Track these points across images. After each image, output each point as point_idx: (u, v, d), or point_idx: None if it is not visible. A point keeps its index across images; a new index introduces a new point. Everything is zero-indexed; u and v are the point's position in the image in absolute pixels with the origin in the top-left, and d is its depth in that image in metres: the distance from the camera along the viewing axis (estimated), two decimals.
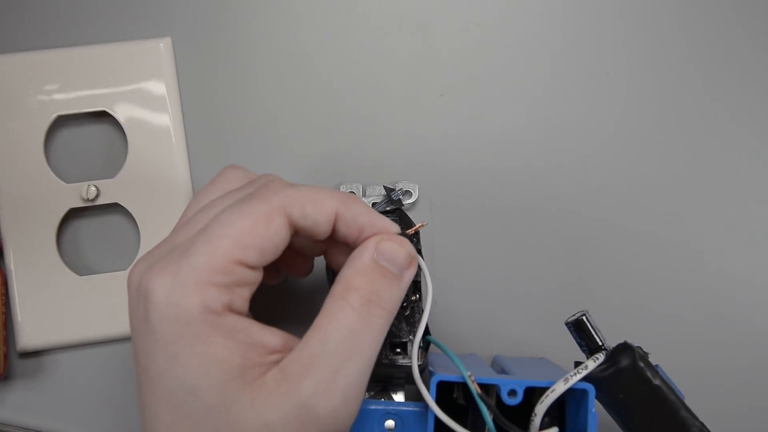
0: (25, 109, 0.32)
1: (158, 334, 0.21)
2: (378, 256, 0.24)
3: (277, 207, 0.23)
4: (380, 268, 0.24)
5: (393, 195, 0.32)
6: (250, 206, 0.22)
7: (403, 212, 0.31)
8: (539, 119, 0.35)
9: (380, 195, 0.33)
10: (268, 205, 0.22)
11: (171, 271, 0.21)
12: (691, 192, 0.35)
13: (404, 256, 0.25)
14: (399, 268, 0.25)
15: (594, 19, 0.35)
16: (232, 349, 0.21)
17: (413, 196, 0.33)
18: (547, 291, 0.34)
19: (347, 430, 0.23)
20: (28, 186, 0.32)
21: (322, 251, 0.27)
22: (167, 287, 0.21)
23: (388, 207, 0.32)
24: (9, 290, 0.32)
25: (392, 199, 0.32)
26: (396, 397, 0.29)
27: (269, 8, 0.34)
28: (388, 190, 0.32)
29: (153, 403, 0.22)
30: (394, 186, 0.33)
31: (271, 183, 0.24)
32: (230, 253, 0.21)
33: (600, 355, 0.27)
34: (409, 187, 0.33)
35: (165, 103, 0.33)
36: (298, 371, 0.21)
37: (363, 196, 0.33)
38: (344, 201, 0.24)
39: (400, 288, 0.25)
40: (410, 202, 0.33)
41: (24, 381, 0.33)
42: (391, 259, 0.24)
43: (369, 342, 0.23)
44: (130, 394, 0.33)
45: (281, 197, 0.23)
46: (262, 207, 0.22)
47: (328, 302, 0.23)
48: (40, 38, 0.33)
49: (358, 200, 0.25)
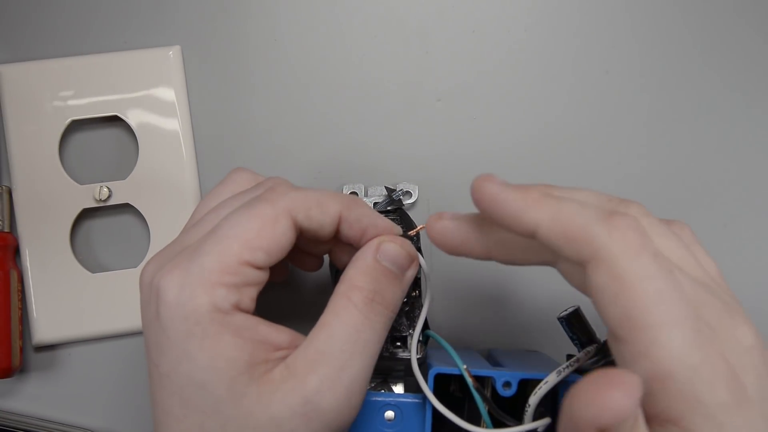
0: (41, 114, 0.33)
1: (169, 331, 0.22)
2: (380, 257, 0.25)
3: (284, 210, 0.23)
4: (382, 268, 0.24)
5: (394, 195, 0.32)
6: (257, 209, 0.23)
7: (404, 212, 0.32)
8: (539, 119, 0.34)
9: (381, 195, 0.33)
10: (275, 208, 0.23)
11: (181, 270, 0.22)
12: (691, 192, 0.34)
13: (405, 256, 0.25)
14: (400, 268, 0.25)
15: (593, 20, 0.35)
16: (240, 346, 0.22)
17: (413, 196, 0.33)
18: (541, 287, 0.34)
19: (348, 426, 0.23)
20: (44, 187, 0.33)
21: (326, 250, 0.27)
22: (178, 286, 0.22)
23: (389, 207, 0.32)
24: (25, 287, 0.33)
25: (393, 199, 0.32)
26: (396, 388, 0.29)
27: (273, 18, 0.34)
28: (389, 191, 0.33)
29: (164, 397, 0.22)
30: (395, 187, 0.33)
31: (278, 186, 0.24)
32: (239, 255, 0.22)
33: (591, 348, 0.27)
34: (409, 187, 0.33)
35: (174, 108, 0.33)
36: (304, 367, 0.22)
37: (365, 196, 0.33)
38: (348, 204, 0.24)
39: (401, 287, 0.25)
40: (410, 202, 0.33)
41: (39, 374, 0.33)
42: (393, 260, 0.25)
43: (372, 340, 0.23)
44: (141, 387, 0.33)
45: (288, 200, 0.23)
46: (269, 210, 0.23)
47: (332, 301, 0.24)
48: (56, 47, 0.34)
49: (362, 203, 0.25)
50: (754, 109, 0.35)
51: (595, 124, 0.35)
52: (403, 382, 0.30)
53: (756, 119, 0.35)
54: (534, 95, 0.35)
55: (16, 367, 0.32)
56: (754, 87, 0.35)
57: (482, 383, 0.27)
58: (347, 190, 0.33)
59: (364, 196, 0.33)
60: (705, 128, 0.35)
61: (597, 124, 0.35)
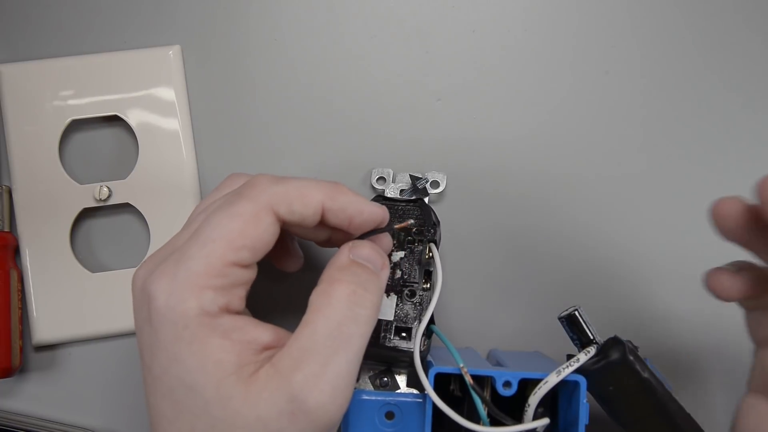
0: (41, 114, 0.33)
1: (160, 335, 0.22)
2: (354, 256, 0.25)
3: (265, 205, 0.23)
4: (358, 264, 0.25)
5: (418, 184, 0.32)
6: (238, 207, 0.23)
7: (424, 203, 0.31)
8: (539, 119, 0.34)
9: (407, 183, 0.32)
10: (256, 205, 0.23)
11: (169, 276, 0.22)
12: (691, 192, 0.34)
13: (377, 256, 0.25)
14: (375, 266, 0.25)
15: (593, 20, 0.35)
16: (228, 348, 0.22)
17: (440, 186, 0.33)
18: (541, 287, 0.34)
19: (336, 423, 0.23)
20: (44, 187, 0.33)
21: (326, 236, 0.27)
22: (167, 291, 0.22)
23: (413, 196, 0.32)
24: (25, 286, 0.33)
25: (417, 188, 0.32)
26: (399, 378, 0.30)
27: (273, 18, 0.34)
28: (414, 179, 0.32)
29: (156, 399, 0.22)
30: (422, 175, 0.33)
31: (258, 182, 0.24)
32: (224, 257, 0.22)
33: (591, 348, 0.27)
34: (437, 177, 0.33)
35: (174, 108, 0.34)
36: (289, 366, 0.22)
37: (392, 181, 0.33)
38: (330, 194, 0.24)
39: (379, 284, 0.25)
40: (437, 192, 0.33)
41: (39, 373, 0.33)
42: (367, 258, 0.25)
43: (356, 334, 0.23)
44: (140, 386, 0.32)
45: (268, 195, 0.23)
46: (249, 207, 0.23)
47: (313, 298, 0.24)
48: (56, 47, 0.34)
49: (344, 190, 0.25)
50: (754, 109, 0.35)
51: (595, 124, 0.35)
52: (406, 373, 0.30)
53: (756, 119, 0.35)
54: (534, 95, 0.35)
55: (16, 367, 0.32)
56: (754, 87, 0.35)
57: (483, 383, 0.27)
58: (375, 176, 0.33)
59: (392, 182, 0.33)
60: (705, 128, 0.35)
61: (597, 124, 0.35)
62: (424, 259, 0.29)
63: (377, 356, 0.28)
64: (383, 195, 0.32)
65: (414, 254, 0.29)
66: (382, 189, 0.33)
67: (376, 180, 0.33)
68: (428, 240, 0.29)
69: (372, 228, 0.26)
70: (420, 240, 0.29)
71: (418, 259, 0.29)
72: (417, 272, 0.29)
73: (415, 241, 0.29)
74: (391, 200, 0.32)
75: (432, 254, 0.29)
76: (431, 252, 0.29)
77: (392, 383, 0.29)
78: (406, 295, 0.28)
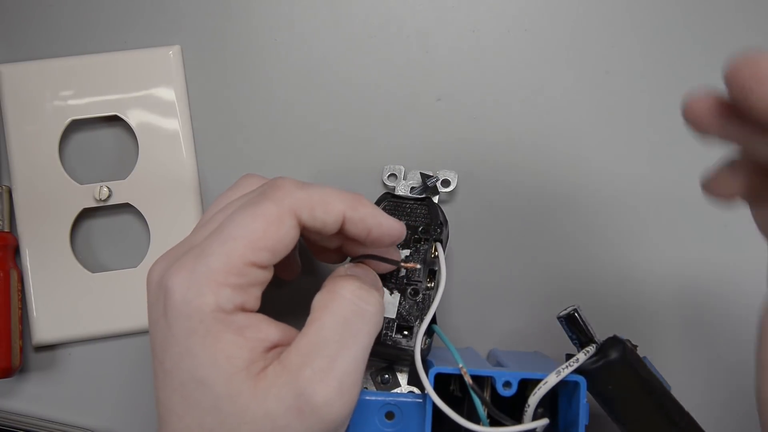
0: (41, 114, 0.33)
1: (174, 328, 0.22)
2: (350, 272, 0.26)
3: (288, 209, 0.23)
4: (361, 265, 0.26)
5: (429, 182, 0.32)
6: (262, 208, 0.23)
7: (431, 202, 0.31)
8: (538, 119, 0.35)
9: (418, 181, 0.32)
10: (280, 207, 0.23)
11: (188, 270, 0.22)
12: (692, 192, 0.34)
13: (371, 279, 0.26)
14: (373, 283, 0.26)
15: (593, 20, 0.35)
16: (240, 344, 0.22)
17: (451, 185, 0.33)
18: (541, 287, 0.34)
19: (344, 422, 0.23)
20: (44, 187, 0.33)
21: (338, 243, 0.27)
22: (185, 286, 0.22)
23: (423, 194, 0.32)
24: (25, 286, 0.33)
25: (428, 186, 0.32)
26: (400, 376, 0.30)
27: (273, 18, 0.34)
28: (425, 177, 0.32)
29: (166, 394, 0.22)
30: (433, 173, 0.33)
31: (282, 184, 0.24)
32: (244, 256, 0.22)
33: (590, 348, 0.27)
34: (448, 175, 0.33)
35: (174, 108, 0.34)
36: (297, 362, 0.22)
37: (404, 179, 0.33)
38: (352, 204, 0.24)
39: (380, 289, 0.26)
40: (447, 191, 0.33)
41: (39, 374, 0.33)
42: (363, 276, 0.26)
43: (363, 330, 0.23)
44: (141, 386, 0.33)
45: (292, 199, 0.23)
46: (273, 209, 0.23)
47: (317, 299, 0.24)
48: (56, 47, 0.34)
49: (366, 202, 0.25)
50: None
51: (595, 124, 0.35)
52: (407, 371, 0.30)
53: None
54: (534, 95, 0.35)
55: (16, 367, 0.32)
56: None
57: (482, 383, 0.27)
58: (387, 172, 0.33)
59: (403, 179, 0.33)
60: None
61: (597, 124, 0.35)
62: (430, 258, 0.29)
63: (378, 353, 0.28)
64: (392, 192, 0.32)
65: (419, 252, 0.29)
66: (393, 186, 0.33)
67: (387, 177, 0.33)
68: (434, 239, 0.29)
69: (389, 243, 0.26)
70: (426, 239, 0.29)
71: (423, 257, 0.29)
72: (421, 271, 0.29)
73: (422, 239, 0.29)
74: (400, 198, 0.32)
75: (437, 254, 0.29)
76: (437, 251, 0.29)
77: (393, 381, 0.29)
78: (410, 294, 0.28)
